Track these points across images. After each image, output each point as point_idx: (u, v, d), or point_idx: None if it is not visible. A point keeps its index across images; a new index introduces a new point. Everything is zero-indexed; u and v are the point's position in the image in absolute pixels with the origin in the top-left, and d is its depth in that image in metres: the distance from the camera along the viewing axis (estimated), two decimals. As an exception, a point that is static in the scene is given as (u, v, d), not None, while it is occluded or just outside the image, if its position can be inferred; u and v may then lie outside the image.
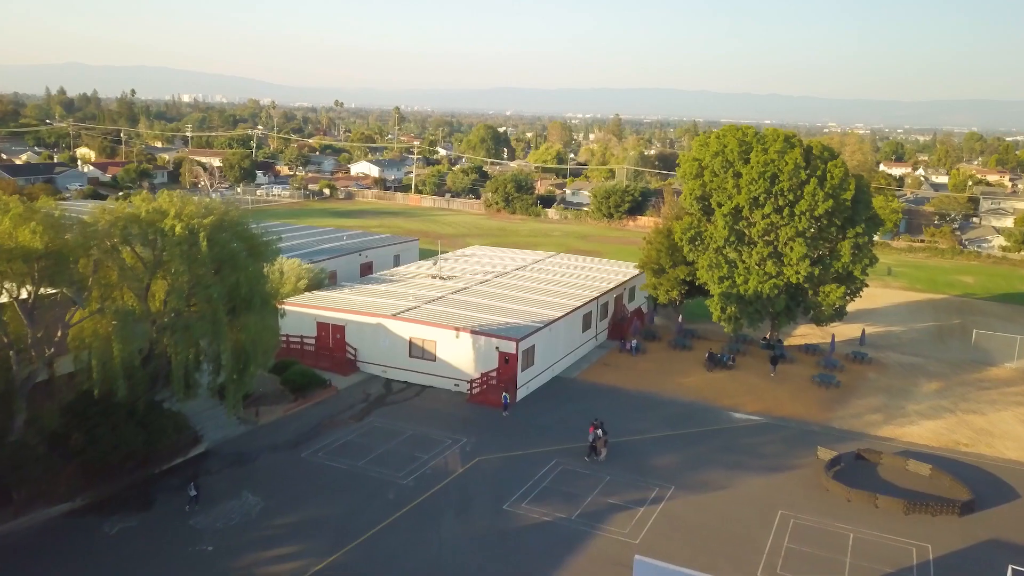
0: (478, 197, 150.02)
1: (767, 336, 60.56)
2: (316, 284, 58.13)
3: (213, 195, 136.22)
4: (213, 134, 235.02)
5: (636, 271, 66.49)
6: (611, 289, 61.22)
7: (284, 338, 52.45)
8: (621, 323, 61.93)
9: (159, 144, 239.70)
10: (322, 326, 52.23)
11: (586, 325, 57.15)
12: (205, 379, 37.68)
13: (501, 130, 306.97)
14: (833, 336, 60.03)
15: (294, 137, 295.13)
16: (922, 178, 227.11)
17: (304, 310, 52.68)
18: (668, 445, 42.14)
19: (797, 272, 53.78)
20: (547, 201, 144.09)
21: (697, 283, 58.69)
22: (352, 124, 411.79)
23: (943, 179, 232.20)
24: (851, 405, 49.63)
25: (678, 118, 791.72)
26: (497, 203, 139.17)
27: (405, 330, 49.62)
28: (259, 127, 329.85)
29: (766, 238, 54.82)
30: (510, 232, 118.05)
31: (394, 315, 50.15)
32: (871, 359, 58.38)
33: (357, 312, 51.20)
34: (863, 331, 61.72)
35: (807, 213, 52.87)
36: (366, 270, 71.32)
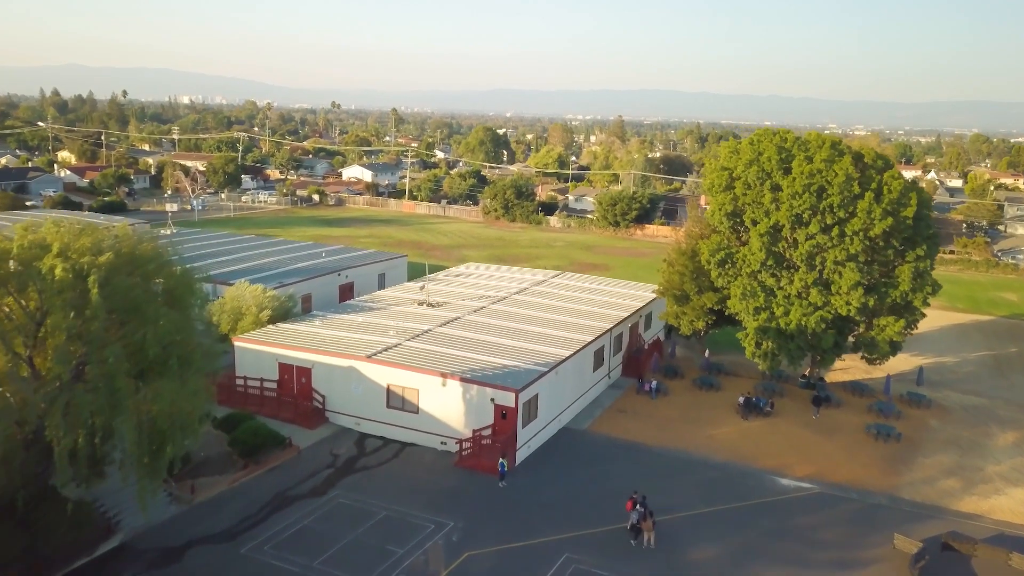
0: (476, 203, 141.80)
1: (806, 373, 52.27)
2: (283, 314, 49.83)
3: (194, 202, 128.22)
4: (202, 136, 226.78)
5: (652, 295, 58.26)
6: (626, 318, 52.90)
7: (242, 381, 44.49)
8: (637, 357, 53.60)
9: (147, 147, 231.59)
10: (285, 368, 43.94)
11: (598, 362, 48.86)
12: (119, 453, 29.38)
13: (501, 132, 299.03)
14: (888, 377, 51.63)
15: (287, 139, 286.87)
16: (936, 182, 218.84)
17: (264, 348, 44.40)
18: (705, 528, 33.82)
19: (848, 302, 45.47)
20: (549, 208, 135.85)
21: (727, 313, 50.42)
22: (350, 126, 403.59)
23: (956, 183, 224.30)
24: (918, 465, 41.31)
25: (678, 119, 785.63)
26: (496, 210, 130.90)
27: (382, 375, 41.33)
28: (255, 128, 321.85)
29: (810, 262, 46.51)
30: (509, 242, 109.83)
31: (369, 356, 41.83)
32: (930, 401, 50.06)
33: (325, 352, 42.89)
34: (920, 369, 53.21)
35: (860, 233, 44.60)
36: (346, 292, 63.00)
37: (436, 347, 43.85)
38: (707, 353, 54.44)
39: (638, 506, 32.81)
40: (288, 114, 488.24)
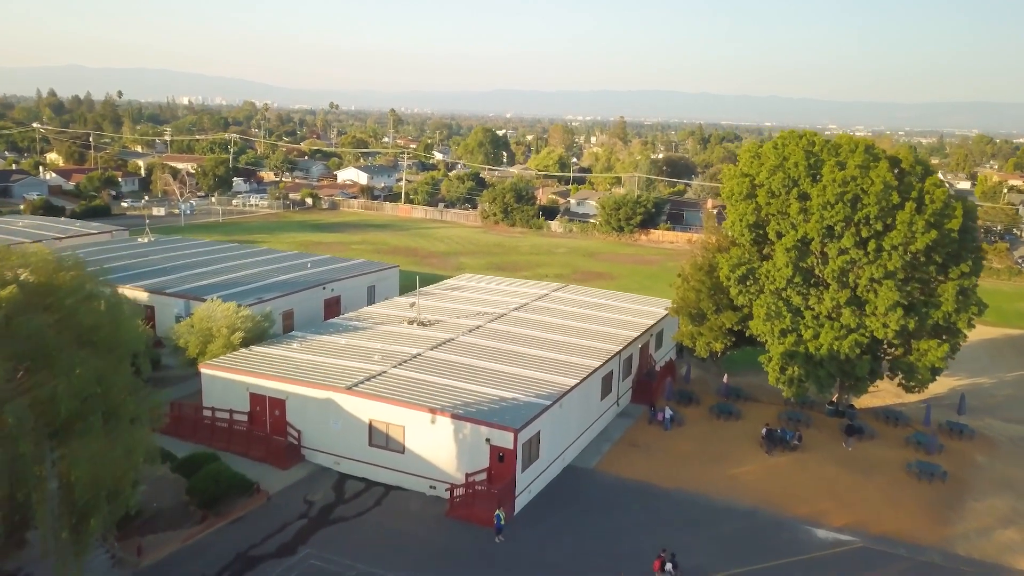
0: (475, 207, 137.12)
1: (834, 399, 47.57)
2: (257, 335, 45.09)
3: (182, 206, 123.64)
4: (195, 138, 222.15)
5: (663, 311, 53.65)
6: (636, 338, 48.14)
7: (209, 412, 39.83)
8: (648, 381, 48.89)
9: (139, 148, 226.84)
10: (256, 399, 39.23)
11: (606, 389, 44.15)
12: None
13: (500, 133, 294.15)
14: (928, 405, 46.94)
15: (284, 140, 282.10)
16: (946, 184, 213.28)
17: (233, 377, 39.66)
18: (734, 596, 29.15)
19: (885, 324, 40.75)
20: (550, 212, 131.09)
21: (748, 334, 45.71)
22: (349, 126, 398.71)
23: (964, 185, 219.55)
24: (970, 512, 36.59)
25: (678, 120, 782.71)
26: (495, 214, 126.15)
27: (363, 409, 36.62)
28: (253, 129, 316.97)
29: (842, 279, 41.79)
30: (509, 249, 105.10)
31: (348, 388, 37.10)
32: (973, 432, 45.35)
33: (301, 382, 38.15)
34: (962, 397, 48.27)
35: (900, 248, 39.89)
36: (332, 307, 58.30)
37: (425, 375, 39.12)
38: (725, 378, 49.60)
39: (667, 565, 28.29)
40: (287, 115, 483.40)
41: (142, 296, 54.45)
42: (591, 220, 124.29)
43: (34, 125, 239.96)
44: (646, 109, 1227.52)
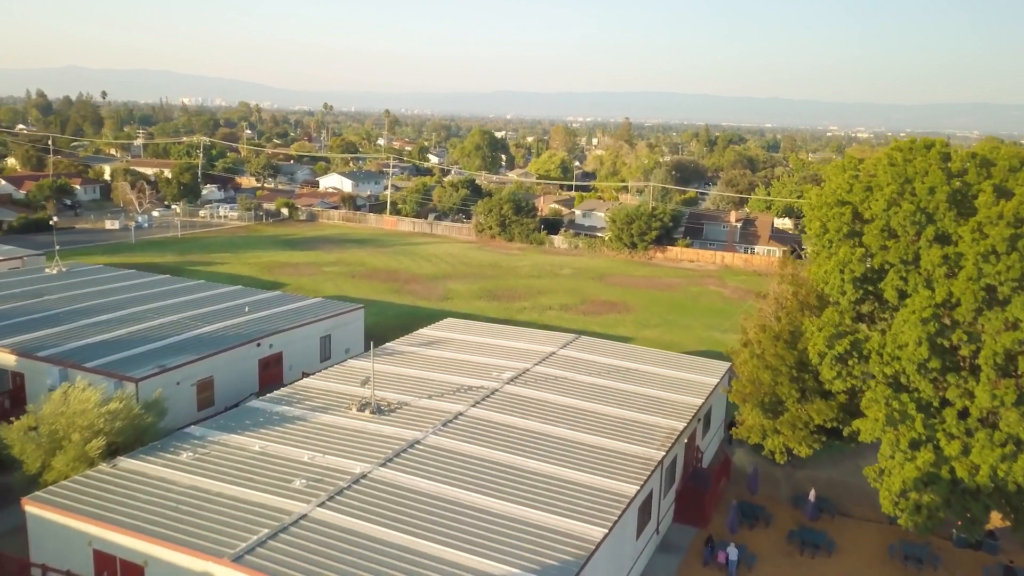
0: (469, 218, 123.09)
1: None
2: (134, 434, 30.91)
3: (139, 218, 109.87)
4: (169, 140, 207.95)
5: (712, 380, 39.67)
6: (681, 431, 33.95)
7: (40, 573, 25.76)
8: (698, 489, 34.69)
9: (114, 152, 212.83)
10: (103, 560, 25.11)
11: (643, 519, 30.01)
12: None
13: (500, 135, 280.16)
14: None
15: (275, 142, 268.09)
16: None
17: (71, 523, 25.51)
18: None
19: (1076, 437, 26.61)
20: (552, 225, 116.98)
21: (846, 432, 31.58)
22: (346, 128, 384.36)
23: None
24: None
25: (679, 121, 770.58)
26: (491, 228, 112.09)
27: (260, 595, 22.50)
28: (248, 131, 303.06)
29: (1005, 366, 27.64)
30: (506, 270, 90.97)
31: (236, 559, 22.95)
32: None
33: (167, 540, 23.98)
34: None
35: (1106, 322, 25.77)
36: (270, 370, 44.18)
37: (367, 524, 24.93)
38: (812, 494, 34.96)
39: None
40: (284, 116, 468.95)
41: (9, 360, 40.43)
42: (599, 235, 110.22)
43: (19, 127, 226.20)
44: (647, 111, 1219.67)
